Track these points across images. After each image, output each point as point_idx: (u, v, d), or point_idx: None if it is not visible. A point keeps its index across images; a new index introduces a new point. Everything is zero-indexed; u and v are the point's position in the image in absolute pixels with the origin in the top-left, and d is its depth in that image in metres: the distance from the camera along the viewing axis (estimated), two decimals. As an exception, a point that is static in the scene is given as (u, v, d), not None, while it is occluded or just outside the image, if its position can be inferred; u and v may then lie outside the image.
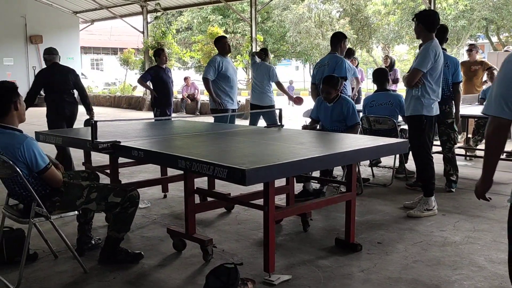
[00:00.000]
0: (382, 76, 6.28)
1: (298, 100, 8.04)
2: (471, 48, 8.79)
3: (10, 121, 3.28)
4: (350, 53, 8.80)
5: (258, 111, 7.68)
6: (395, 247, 3.92)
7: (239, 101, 8.01)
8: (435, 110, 4.77)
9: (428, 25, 4.61)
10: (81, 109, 6.47)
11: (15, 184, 3.32)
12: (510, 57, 2.07)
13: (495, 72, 7.81)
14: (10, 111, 3.27)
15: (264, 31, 28.46)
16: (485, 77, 8.53)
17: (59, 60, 6.57)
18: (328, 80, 5.49)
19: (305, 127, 5.66)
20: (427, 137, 4.78)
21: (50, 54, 6.46)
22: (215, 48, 7.33)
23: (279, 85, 7.85)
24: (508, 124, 2.07)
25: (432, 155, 4.93)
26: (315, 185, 5.53)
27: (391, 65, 9.96)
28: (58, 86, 6.31)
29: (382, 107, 6.02)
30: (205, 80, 6.88)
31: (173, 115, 9.20)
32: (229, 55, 7.26)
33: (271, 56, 9.04)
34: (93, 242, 3.88)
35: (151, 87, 7.98)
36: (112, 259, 3.60)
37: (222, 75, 6.88)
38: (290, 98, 8.40)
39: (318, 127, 5.74)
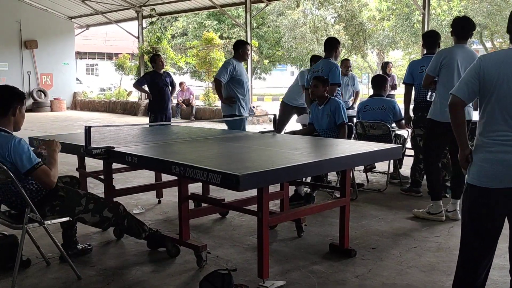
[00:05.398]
0: (380, 82, 6.33)
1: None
2: None
3: (4, 124, 3.28)
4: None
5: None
6: (389, 253, 3.92)
7: (254, 107, 7.65)
8: (448, 116, 4.64)
9: (454, 31, 4.80)
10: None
11: (8, 192, 3.30)
12: (481, 56, 2.51)
13: None
14: (7, 115, 3.28)
15: (259, 37, 28.50)
16: None
17: None
18: (317, 76, 5.63)
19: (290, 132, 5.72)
20: (435, 142, 4.81)
21: None
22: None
23: None
24: (461, 103, 2.55)
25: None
26: (306, 188, 5.53)
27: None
28: None
29: (375, 112, 6.05)
30: (217, 81, 6.46)
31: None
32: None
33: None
34: (78, 247, 3.87)
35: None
36: (163, 245, 3.91)
37: (236, 79, 6.42)
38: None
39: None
